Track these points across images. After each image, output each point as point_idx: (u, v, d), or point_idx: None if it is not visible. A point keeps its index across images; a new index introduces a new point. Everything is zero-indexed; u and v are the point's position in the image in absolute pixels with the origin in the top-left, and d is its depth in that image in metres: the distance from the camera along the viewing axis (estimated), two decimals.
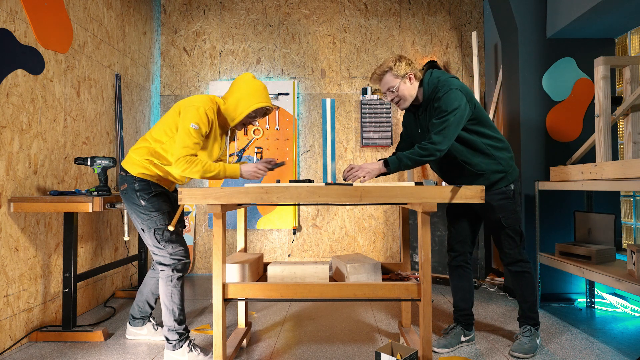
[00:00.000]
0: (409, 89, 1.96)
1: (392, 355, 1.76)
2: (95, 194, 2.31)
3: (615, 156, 2.95)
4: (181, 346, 1.95)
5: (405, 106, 2.02)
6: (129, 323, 2.29)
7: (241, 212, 2.26)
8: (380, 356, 1.72)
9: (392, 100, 2.01)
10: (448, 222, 2.22)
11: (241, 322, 2.24)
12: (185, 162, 1.82)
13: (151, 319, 2.31)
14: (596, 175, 2.24)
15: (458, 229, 2.17)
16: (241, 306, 2.25)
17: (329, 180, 3.94)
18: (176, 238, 1.98)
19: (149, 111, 3.82)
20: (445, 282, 3.48)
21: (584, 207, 3.01)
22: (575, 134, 3.06)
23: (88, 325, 2.40)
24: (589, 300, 2.82)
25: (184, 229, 2.15)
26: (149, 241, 1.96)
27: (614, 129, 2.98)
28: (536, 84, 3.07)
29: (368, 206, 3.93)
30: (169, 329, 1.95)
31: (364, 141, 3.91)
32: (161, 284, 1.96)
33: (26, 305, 2.25)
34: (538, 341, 2.06)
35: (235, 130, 2.16)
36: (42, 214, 2.38)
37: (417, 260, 3.51)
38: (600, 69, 2.35)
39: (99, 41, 3.00)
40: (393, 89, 1.96)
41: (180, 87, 4.02)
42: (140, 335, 2.28)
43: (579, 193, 3.03)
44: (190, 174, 1.85)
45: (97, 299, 2.96)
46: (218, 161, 2.24)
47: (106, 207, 2.26)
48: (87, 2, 2.87)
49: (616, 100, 2.37)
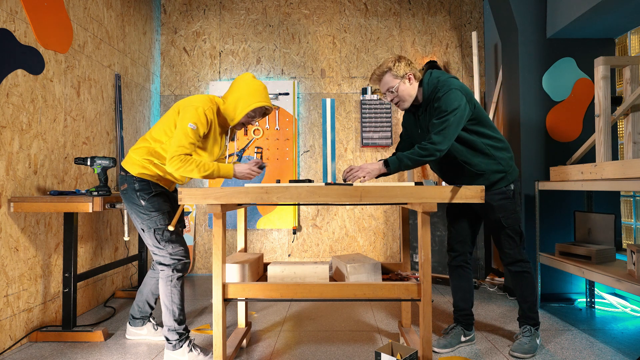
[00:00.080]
0: (408, 89, 1.96)
1: (392, 355, 1.76)
2: (95, 194, 2.32)
3: (615, 156, 2.95)
4: (181, 346, 1.95)
5: (405, 107, 2.02)
6: (129, 323, 2.29)
7: (241, 212, 2.26)
8: (380, 356, 1.72)
9: (392, 100, 2.01)
10: (448, 222, 2.22)
11: (241, 322, 2.24)
12: (180, 161, 1.83)
13: (151, 319, 2.31)
14: (596, 175, 2.24)
15: (458, 229, 2.17)
16: (241, 306, 2.25)
17: (329, 180, 3.94)
18: (176, 238, 1.99)
19: (149, 111, 3.82)
20: (445, 282, 3.48)
21: (584, 207, 3.01)
22: (575, 134, 3.06)
23: (88, 325, 2.40)
24: (589, 300, 2.82)
25: (184, 229, 2.15)
26: (149, 241, 1.96)
27: (614, 129, 2.98)
28: (536, 84, 3.07)
29: (368, 206, 3.93)
30: (169, 329, 1.95)
31: (364, 141, 3.91)
32: (161, 284, 1.96)
33: (26, 305, 2.25)
34: (538, 341, 2.06)
35: (235, 130, 2.16)
36: (42, 214, 2.38)
37: (417, 260, 3.51)
38: (600, 69, 2.35)
39: (99, 41, 3.00)
40: (393, 89, 1.96)
41: (180, 87, 4.02)
42: (140, 335, 2.28)
43: (579, 193, 3.03)
44: (184, 173, 1.85)
45: (97, 299, 2.96)
46: (216, 161, 2.24)
47: (106, 207, 2.26)
48: (87, 2, 2.87)
49: (616, 100, 2.37)
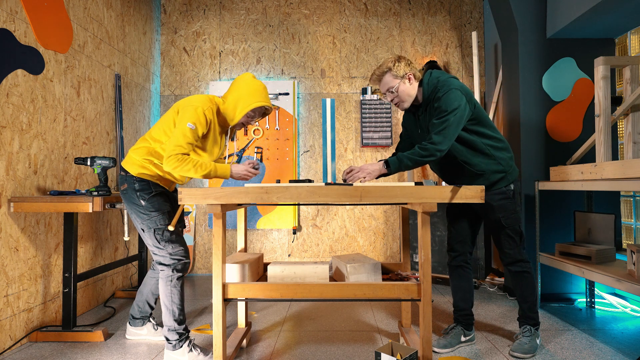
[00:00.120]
0: (408, 89, 1.96)
1: (392, 355, 1.76)
2: (95, 194, 2.32)
3: (615, 156, 2.95)
4: (181, 346, 1.95)
5: (405, 107, 2.02)
6: (129, 323, 2.29)
7: (241, 212, 2.26)
8: (380, 356, 1.72)
9: (392, 100, 2.01)
10: (448, 222, 2.22)
11: (241, 322, 2.24)
12: (177, 160, 1.83)
13: (151, 319, 2.31)
14: (596, 175, 2.24)
15: (458, 229, 2.17)
16: (241, 306, 2.25)
17: (329, 180, 3.94)
18: (176, 238, 1.99)
19: (149, 111, 3.82)
20: (445, 282, 3.48)
21: (584, 207, 3.01)
22: (575, 134, 3.06)
23: (88, 325, 2.40)
24: (589, 300, 2.82)
25: (184, 229, 2.15)
26: (148, 241, 1.96)
27: (614, 129, 2.98)
28: (536, 84, 3.07)
29: (368, 206, 3.93)
30: (168, 329, 1.95)
31: (364, 141, 3.91)
32: (161, 284, 1.96)
33: (26, 305, 2.25)
34: (538, 341, 2.06)
35: (235, 130, 2.16)
36: (42, 214, 2.38)
37: (417, 260, 3.51)
38: (600, 69, 2.35)
39: (99, 41, 3.00)
40: (392, 89, 1.96)
41: (180, 87, 4.02)
42: (140, 335, 2.28)
43: (579, 193, 3.03)
44: (180, 172, 1.85)
45: (97, 299, 2.96)
46: (215, 161, 2.24)
47: (106, 207, 2.26)
48: (87, 2, 2.87)
49: (616, 100, 2.37)
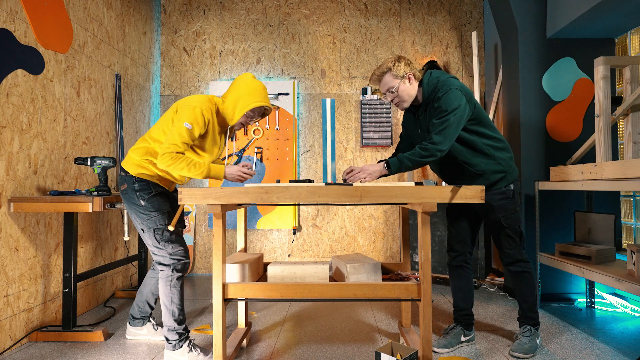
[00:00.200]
0: (408, 89, 1.96)
1: (392, 355, 1.76)
2: (95, 194, 2.32)
3: (615, 156, 2.94)
4: (181, 346, 1.95)
5: (405, 106, 2.02)
6: (129, 323, 2.29)
7: (241, 212, 2.26)
8: (380, 356, 1.72)
9: (392, 100, 2.01)
10: (448, 222, 2.22)
11: (241, 322, 2.24)
12: (170, 158, 1.83)
13: (151, 319, 2.31)
14: (596, 175, 2.24)
15: (458, 229, 2.17)
16: (241, 306, 2.25)
17: (329, 180, 3.94)
18: (176, 238, 1.99)
19: (149, 111, 3.82)
20: (445, 282, 3.48)
21: (584, 207, 3.01)
22: (575, 134, 3.06)
23: (88, 325, 2.40)
24: (589, 300, 2.82)
25: (184, 229, 2.15)
26: (148, 241, 1.96)
27: (614, 129, 2.98)
28: (536, 84, 3.07)
29: (368, 206, 3.93)
30: (168, 329, 1.95)
31: (364, 141, 3.91)
32: (161, 284, 1.96)
33: (26, 305, 2.25)
34: (538, 341, 2.06)
35: (234, 130, 2.16)
36: (42, 214, 2.38)
37: (417, 260, 3.51)
38: (600, 69, 2.35)
39: (99, 41, 3.00)
40: (393, 89, 1.96)
41: (180, 87, 4.02)
42: (140, 335, 2.28)
43: (579, 193, 3.03)
44: (174, 170, 1.85)
45: (97, 299, 2.96)
46: (216, 160, 2.24)
47: (106, 207, 2.26)
48: (87, 2, 2.87)
49: (616, 100, 2.37)
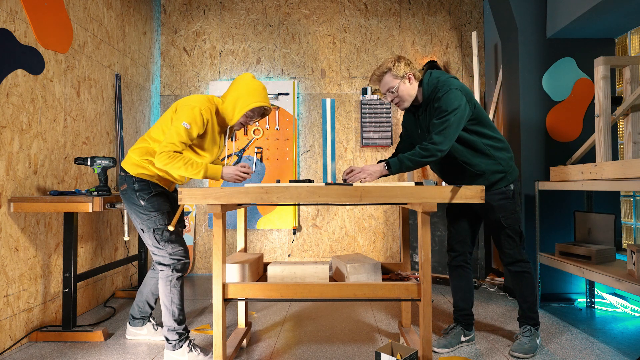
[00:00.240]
0: (408, 89, 1.96)
1: (392, 355, 1.76)
2: (95, 194, 2.32)
3: (615, 156, 2.95)
4: (181, 346, 1.95)
5: (405, 106, 2.02)
6: (129, 323, 2.29)
7: (241, 212, 2.26)
8: (380, 356, 1.72)
9: (392, 100, 2.01)
10: (448, 222, 2.22)
11: (241, 322, 2.24)
12: (167, 157, 1.83)
13: (151, 319, 2.31)
14: (596, 175, 2.24)
15: (458, 229, 2.17)
16: (241, 306, 2.25)
17: (329, 180, 3.94)
18: (175, 238, 1.99)
19: (149, 111, 3.82)
20: (445, 282, 3.48)
21: (584, 207, 3.01)
22: (575, 134, 3.06)
23: (88, 325, 2.40)
24: (589, 300, 2.82)
25: (184, 229, 2.15)
26: (148, 241, 1.96)
27: (614, 129, 2.98)
28: (536, 84, 3.07)
29: (368, 206, 3.93)
30: (168, 329, 1.95)
31: (364, 141, 3.91)
32: (160, 284, 1.96)
33: (26, 305, 2.25)
34: (538, 341, 2.06)
35: (234, 130, 2.16)
36: (42, 214, 2.38)
37: (417, 260, 3.51)
38: (600, 69, 2.35)
39: (99, 41, 3.00)
40: (393, 89, 1.96)
41: (180, 87, 4.02)
42: (140, 335, 2.28)
43: (579, 193, 3.03)
44: (170, 169, 1.85)
45: (97, 299, 2.96)
46: (215, 161, 2.25)
47: (106, 207, 2.26)
48: (87, 2, 2.87)
49: (616, 100, 2.37)
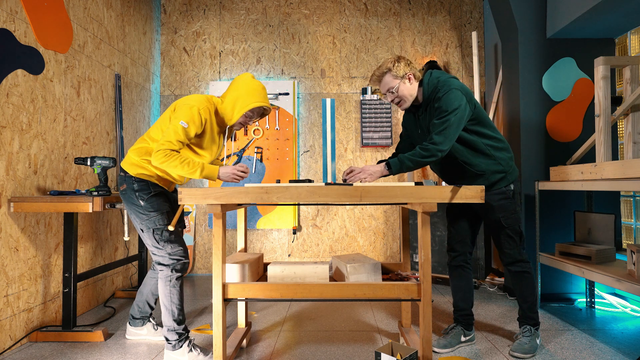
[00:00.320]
0: (408, 89, 1.96)
1: (392, 355, 1.76)
2: (95, 194, 2.31)
3: (615, 156, 2.94)
4: (181, 346, 1.95)
5: (405, 106, 2.02)
6: (129, 323, 2.29)
7: (241, 212, 2.26)
8: (380, 356, 1.72)
9: (392, 100, 2.01)
10: (448, 222, 2.22)
11: (241, 322, 2.24)
12: (164, 155, 1.83)
13: (151, 319, 2.31)
14: (596, 175, 2.24)
15: (458, 229, 2.17)
16: (241, 306, 2.25)
17: (329, 180, 3.94)
18: (175, 238, 1.99)
19: (149, 111, 3.82)
20: (445, 282, 3.48)
21: (584, 207, 3.01)
22: (575, 134, 3.06)
23: (88, 325, 2.40)
24: (589, 300, 2.82)
25: (184, 229, 2.15)
26: (148, 241, 1.96)
27: (614, 129, 2.98)
28: (536, 84, 3.07)
29: (368, 206, 3.93)
30: (168, 329, 1.95)
31: (364, 141, 3.91)
32: (160, 284, 1.96)
33: (26, 305, 2.25)
34: (538, 341, 2.06)
35: (233, 130, 2.16)
36: (42, 214, 2.38)
37: (417, 260, 3.51)
38: (600, 69, 2.35)
39: (99, 41, 3.00)
40: (393, 89, 1.96)
41: (180, 87, 4.02)
42: (140, 335, 2.28)
43: (579, 193, 3.03)
44: (167, 168, 1.85)
45: (97, 299, 2.96)
46: (214, 161, 2.25)
47: (106, 207, 2.26)
48: (87, 2, 2.87)
49: (616, 100, 2.37)
